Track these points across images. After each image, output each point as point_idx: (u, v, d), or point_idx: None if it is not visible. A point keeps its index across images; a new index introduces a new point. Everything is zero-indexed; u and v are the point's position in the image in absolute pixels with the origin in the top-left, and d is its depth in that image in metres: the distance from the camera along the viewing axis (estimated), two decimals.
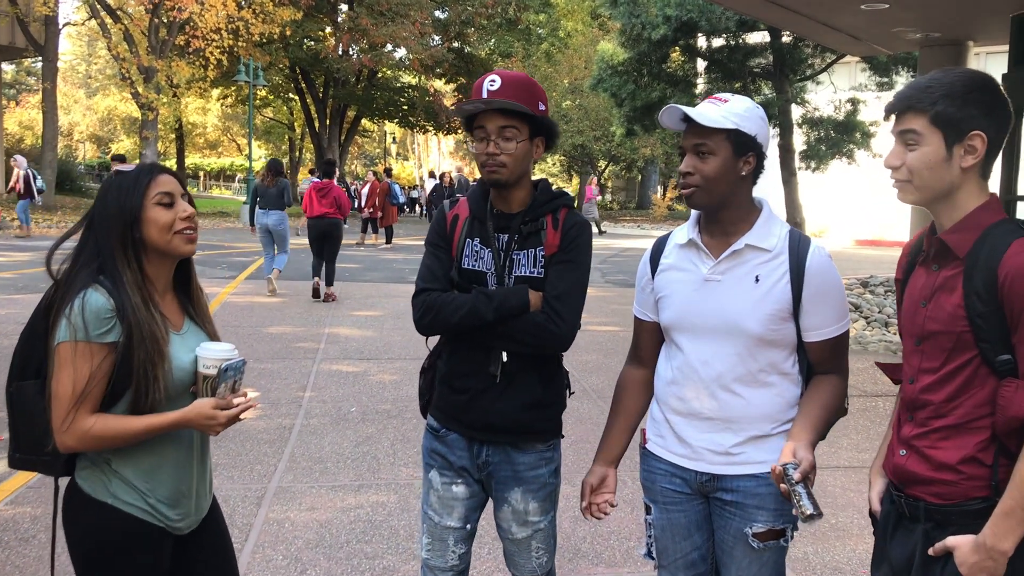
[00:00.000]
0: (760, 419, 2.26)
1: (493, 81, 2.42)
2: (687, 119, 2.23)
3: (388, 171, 26.04)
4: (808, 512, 1.99)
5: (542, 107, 2.48)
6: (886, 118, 2.02)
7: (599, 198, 30.33)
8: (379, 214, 21.78)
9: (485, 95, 2.41)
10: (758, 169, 2.27)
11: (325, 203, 11.86)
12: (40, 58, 31.08)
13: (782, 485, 2.04)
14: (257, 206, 12.31)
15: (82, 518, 2.19)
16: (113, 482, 2.17)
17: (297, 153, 53.86)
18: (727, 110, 2.19)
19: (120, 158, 13.53)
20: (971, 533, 1.86)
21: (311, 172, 14.81)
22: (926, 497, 1.97)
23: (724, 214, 2.26)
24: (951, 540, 1.88)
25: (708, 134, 2.18)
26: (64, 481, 2.26)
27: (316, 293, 12.03)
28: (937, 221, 2.00)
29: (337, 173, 13.50)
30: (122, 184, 2.19)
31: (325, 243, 12.01)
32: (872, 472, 2.23)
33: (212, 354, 2.19)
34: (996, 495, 1.86)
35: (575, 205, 2.62)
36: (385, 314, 10.96)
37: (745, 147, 2.20)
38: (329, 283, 12.04)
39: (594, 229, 26.97)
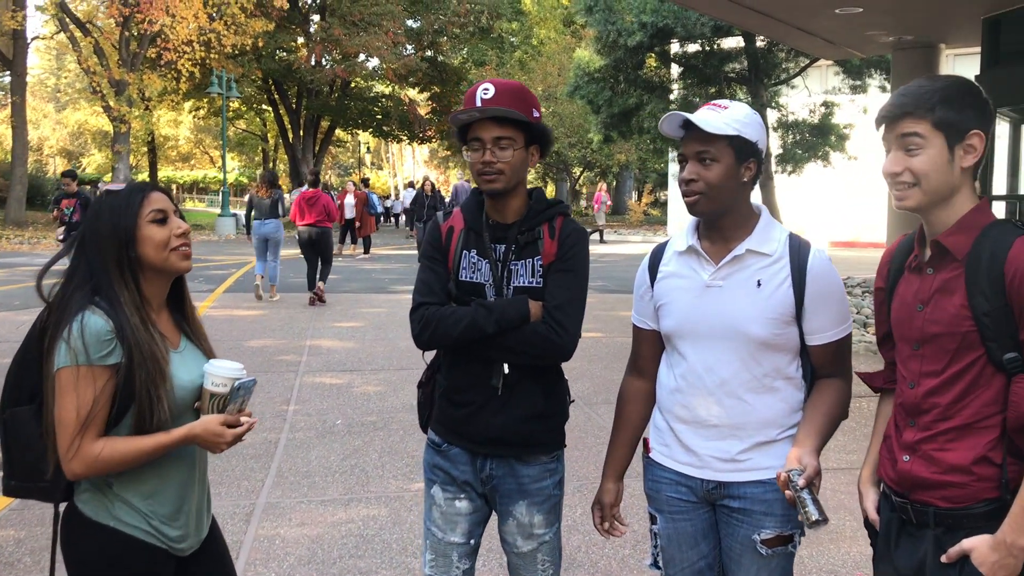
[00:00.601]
0: (766, 425, 2.26)
1: (487, 89, 2.39)
2: (686, 126, 2.22)
3: (365, 181, 25.95)
4: (814, 518, 2.00)
5: (536, 114, 2.45)
6: (879, 126, 2.02)
7: (605, 205, 29.24)
8: (357, 224, 21.71)
9: (479, 103, 2.38)
10: (757, 175, 2.27)
11: (314, 212, 12.39)
12: (8, 72, 30.71)
13: (787, 491, 2.05)
14: (253, 216, 12.88)
15: (84, 542, 2.15)
16: (115, 504, 2.14)
17: (271, 164, 53.54)
18: (729, 116, 2.18)
19: (71, 173, 12.99)
20: (983, 534, 1.85)
21: (302, 185, 15.49)
22: (935, 502, 1.96)
23: (725, 220, 2.26)
24: (967, 542, 1.87)
25: (711, 141, 2.18)
26: (62, 506, 2.21)
27: (313, 302, 12.49)
28: (930, 226, 2.01)
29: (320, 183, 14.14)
30: (114, 203, 2.15)
31: (315, 250, 12.52)
32: (862, 482, 2.22)
33: (224, 372, 2.16)
34: (1006, 494, 1.86)
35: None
36: (366, 325, 10.89)
37: (747, 153, 2.21)
38: (323, 279, 12.59)
39: (595, 236, 26.30)
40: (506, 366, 2.43)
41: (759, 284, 2.22)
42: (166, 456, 2.15)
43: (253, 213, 12.86)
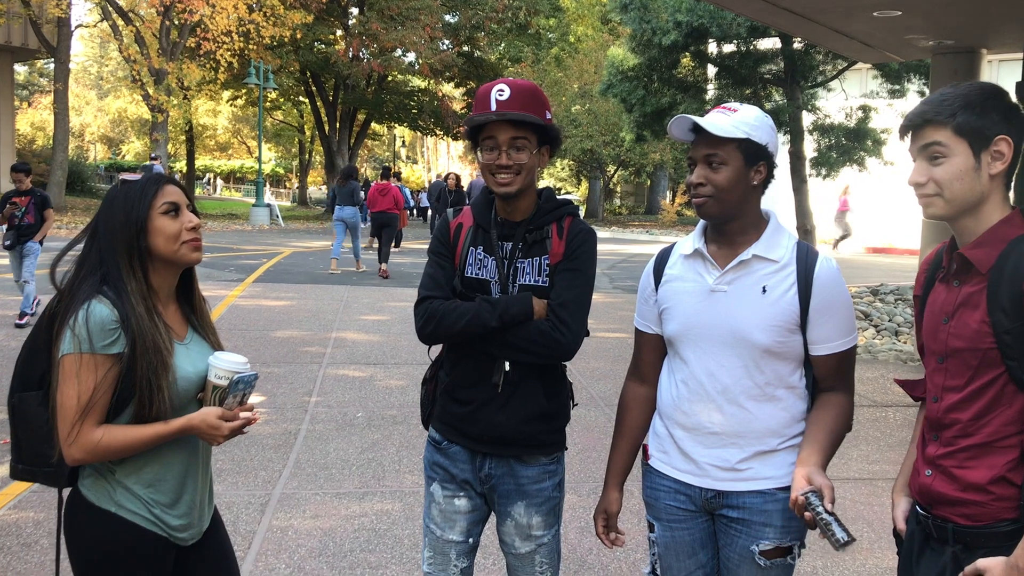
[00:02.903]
0: (766, 434, 2.22)
1: (502, 91, 2.38)
2: (696, 130, 2.20)
3: (397, 175, 26.10)
4: (843, 540, 1.91)
5: (548, 115, 2.45)
6: (902, 137, 1.98)
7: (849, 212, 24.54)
8: None
9: (493, 105, 2.37)
10: (768, 179, 2.24)
11: (385, 201, 15.52)
12: (52, 60, 31.16)
13: (806, 514, 1.98)
14: (336, 203, 15.75)
15: (86, 527, 2.18)
16: (117, 491, 2.16)
17: (307, 156, 53.92)
18: (738, 119, 2.15)
19: (22, 167, 10.19)
20: (1001, 555, 1.80)
21: (386, 175, 17.32)
22: (954, 518, 1.93)
23: (734, 224, 2.23)
24: (981, 562, 1.82)
25: (719, 144, 2.15)
26: (67, 491, 2.25)
27: (386, 275, 15.18)
28: (958, 235, 1.95)
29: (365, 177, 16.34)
30: (128, 194, 2.19)
31: (384, 230, 15.49)
32: (895, 491, 2.19)
33: (225, 365, 2.18)
34: None
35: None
36: (392, 319, 10.93)
37: (756, 157, 2.18)
38: (384, 261, 15.40)
39: (839, 250, 23.56)
40: (507, 364, 2.42)
41: (764, 290, 2.19)
42: (168, 445, 2.18)
43: (336, 200, 15.67)
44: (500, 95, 2.37)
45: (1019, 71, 8.96)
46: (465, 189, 21.85)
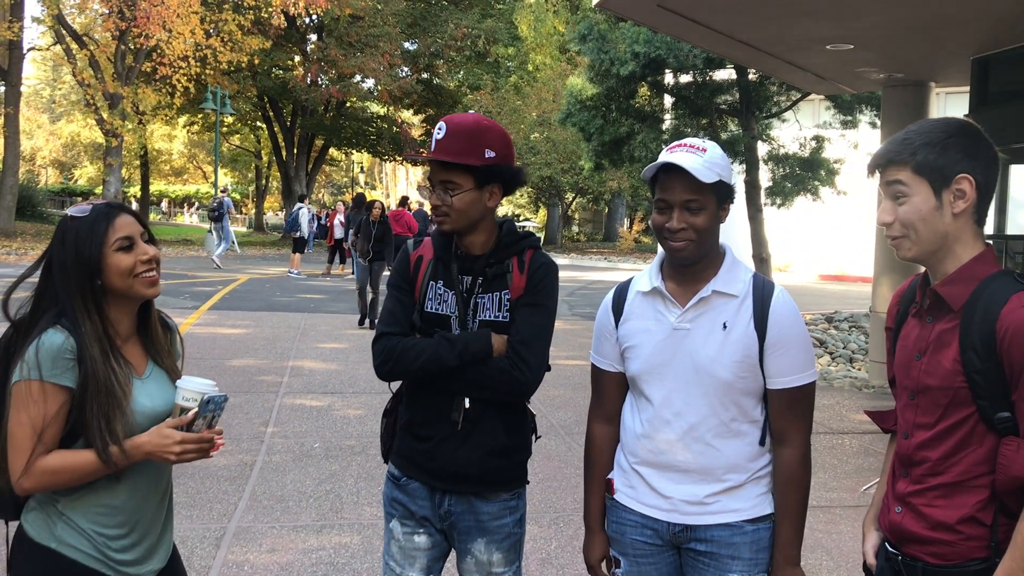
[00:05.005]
0: (733, 469, 2.22)
1: (440, 129, 2.34)
2: (665, 170, 2.17)
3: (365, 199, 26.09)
4: None
5: (491, 154, 2.35)
6: (869, 175, 1.97)
7: None
8: (346, 244, 21.68)
9: (433, 144, 2.35)
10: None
11: (399, 226, 16.05)
12: (3, 83, 30.64)
13: None
14: (350, 229, 16.62)
15: (26, 564, 2.09)
16: (58, 525, 2.08)
17: (264, 181, 53.53)
18: (710, 162, 2.14)
19: None
20: None
21: (402, 203, 18.84)
22: (924, 557, 1.91)
23: (700, 262, 2.23)
24: None
25: (700, 189, 2.13)
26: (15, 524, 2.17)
27: None
28: (931, 271, 1.94)
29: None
30: (79, 231, 2.10)
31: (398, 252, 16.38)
32: (865, 524, 2.18)
33: (193, 386, 2.12)
34: (995, 556, 1.79)
35: None
36: (350, 347, 10.83)
37: (725, 197, 2.20)
38: None
39: None
40: (467, 400, 2.38)
41: (725, 326, 2.19)
42: (116, 476, 2.09)
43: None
44: (438, 134, 2.33)
45: (966, 104, 9.19)
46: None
